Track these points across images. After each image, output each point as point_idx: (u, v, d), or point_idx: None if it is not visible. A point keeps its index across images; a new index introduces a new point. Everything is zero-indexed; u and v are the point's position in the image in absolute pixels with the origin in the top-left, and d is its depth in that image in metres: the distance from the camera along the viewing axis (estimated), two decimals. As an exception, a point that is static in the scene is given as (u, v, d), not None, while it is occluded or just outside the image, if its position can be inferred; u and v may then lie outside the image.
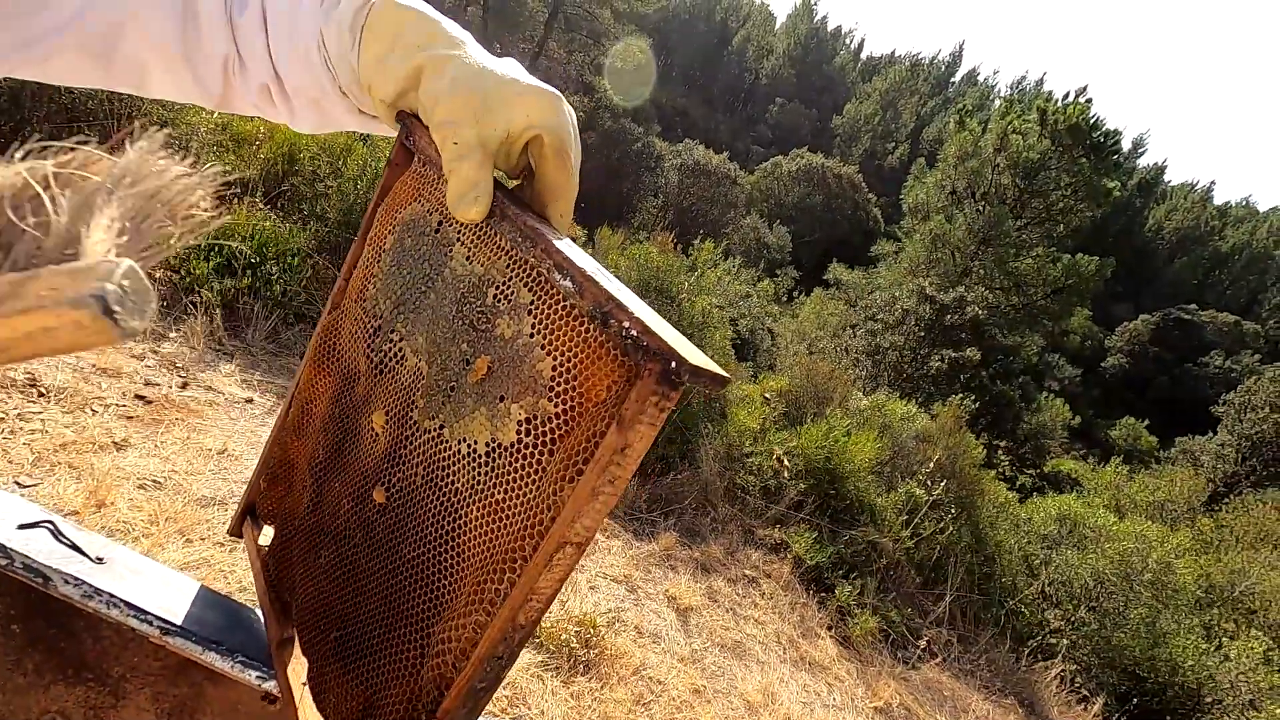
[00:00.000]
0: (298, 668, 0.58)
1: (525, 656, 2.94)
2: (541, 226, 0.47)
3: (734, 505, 5.37)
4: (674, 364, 0.35)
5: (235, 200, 4.90)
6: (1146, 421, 25.24)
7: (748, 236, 23.89)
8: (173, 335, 3.95)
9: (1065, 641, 6.03)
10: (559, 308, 0.43)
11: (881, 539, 5.58)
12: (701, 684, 3.41)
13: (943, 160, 19.96)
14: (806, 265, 24.62)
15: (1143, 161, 53.23)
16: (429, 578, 0.47)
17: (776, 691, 3.65)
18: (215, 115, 5.15)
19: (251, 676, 0.56)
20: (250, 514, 0.64)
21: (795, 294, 20.24)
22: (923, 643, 5.04)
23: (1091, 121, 17.56)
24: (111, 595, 0.53)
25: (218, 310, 4.21)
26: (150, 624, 0.54)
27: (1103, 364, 33.86)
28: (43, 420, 2.83)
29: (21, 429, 2.73)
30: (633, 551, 4.31)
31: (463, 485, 0.46)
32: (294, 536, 0.59)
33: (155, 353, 3.73)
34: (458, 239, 0.52)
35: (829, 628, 4.66)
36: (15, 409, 2.80)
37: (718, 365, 0.37)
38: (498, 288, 0.48)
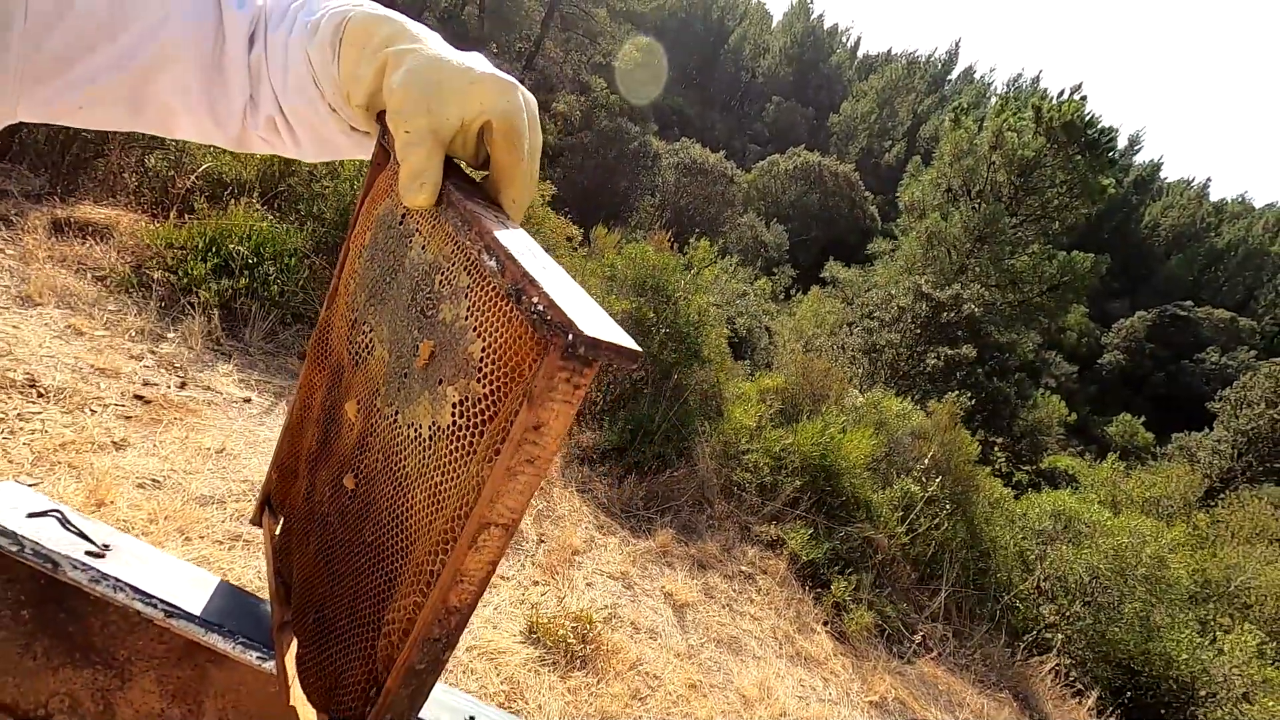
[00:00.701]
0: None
1: (523, 652, 2.96)
2: (481, 211, 0.47)
3: (730, 502, 5.40)
4: (571, 336, 0.34)
5: (232, 201, 4.92)
6: (1143, 418, 25.34)
7: (745, 235, 23.93)
8: (171, 335, 3.97)
9: (1060, 636, 6.07)
10: (488, 289, 0.43)
11: (877, 535, 5.62)
12: (698, 679, 3.44)
13: (939, 158, 20.02)
14: (803, 263, 24.65)
15: (1139, 158, 53.41)
16: (383, 560, 0.48)
17: (772, 686, 3.68)
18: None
19: (252, 657, 0.59)
20: (268, 505, 0.66)
21: (792, 292, 20.27)
22: (918, 637, 5.07)
23: (1086, 119, 17.61)
24: (117, 580, 0.56)
25: (215, 311, 4.22)
26: (155, 607, 0.56)
27: (1099, 361, 33.96)
28: (42, 420, 2.85)
29: (21, 429, 2.75)
30: (629, 548, 4.33)
31: (411, 469, 0.47)
32: (293, 524, 0.62)
33: (153, 353, 3.74)
34: (416, 229, 0.53)
35: (825, 623, 4.69)
36: (15, 409, 2.82)
37: (629, 338, 0.36)
38: (443, 273, 0.48)
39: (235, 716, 0.66)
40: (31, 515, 0.56)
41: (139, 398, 3.32)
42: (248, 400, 3.81)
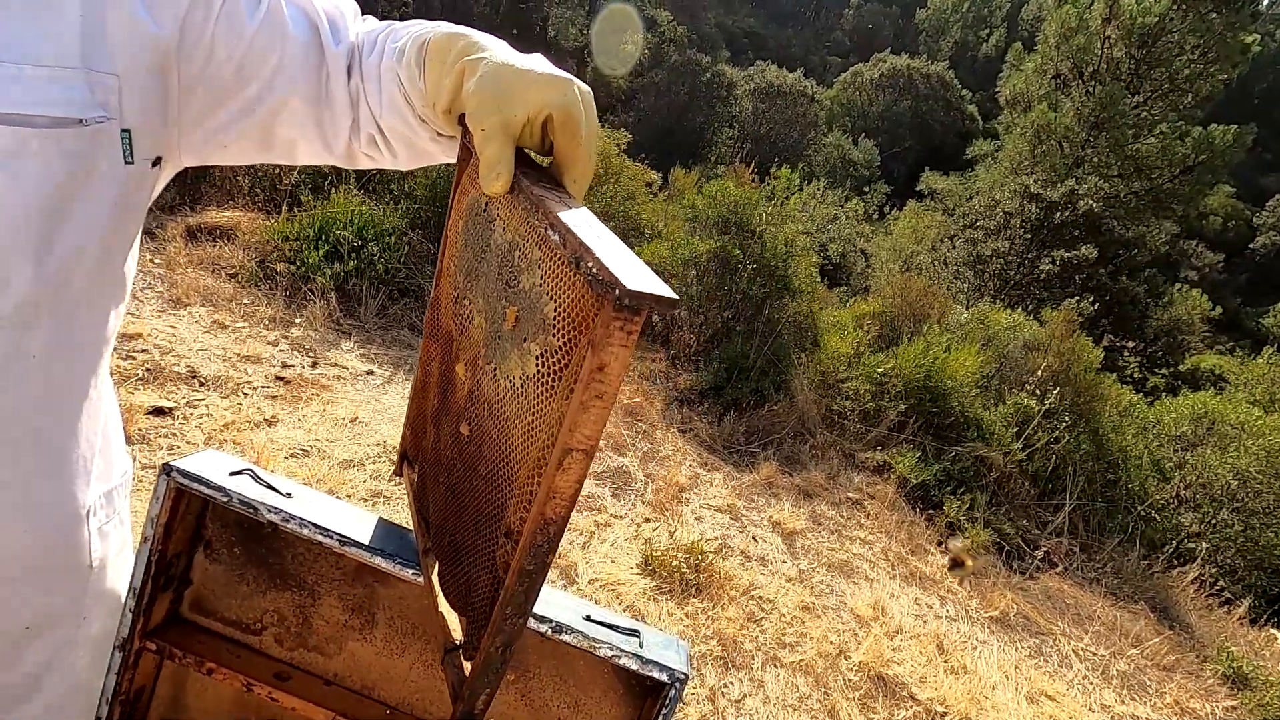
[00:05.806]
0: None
1: (641, 582, 3.18)
2: (546, 193, 0.54)
3: (832, 431, 5.39)
4: (618, 291, 0.41)
5: (332, 189, 5.27)
6: (1307, 304, 22.54)
7: (831, 156, 22.83)
8: (298, 321, 4.37)
9: (1205, 545, 5.71)
10: (555, 259, 0.51)
11: (990, 453, 5.45)
12: (811, 601, 3.56)
13: (1043, 42, 18.10)
14: (898, 178, 23.31)
15: (1294, 4, 45.87)
16: (495, 488, 0.58)
17: (887, 606, 3.74)
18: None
19: (409, 574, 0.73)
20: (405, 458, 0.80)
21: (887, 210, 19.28)
22: (1040, 553, 4.95)
23: (1222, -32, 15.31)
24: (302, 518, 0.70)
25: (332, 294, 4.60)
26: (331, 538, 0.71)
27: (1251, 245, 30.29)
28: (206, 405, 3.27)
29: (191, 414, 3.17)
30: (734, 483, 4.46)
31: (510, 413, 0.56)
32: (427, 470, 0.75)
33: (286, 338, 4.15)
34: (497, 214, 0.62)
35: (938, 543, 4.66)
36: (184, 398, 3.25)
37: (667, 288, 0.43)
38: (520, 250, 0.56)
39: (401, 624, 0.82)
40: (232, 474, 0.72)
41: (280, 379, 3.72)
42: (370, 372, 4.17)
